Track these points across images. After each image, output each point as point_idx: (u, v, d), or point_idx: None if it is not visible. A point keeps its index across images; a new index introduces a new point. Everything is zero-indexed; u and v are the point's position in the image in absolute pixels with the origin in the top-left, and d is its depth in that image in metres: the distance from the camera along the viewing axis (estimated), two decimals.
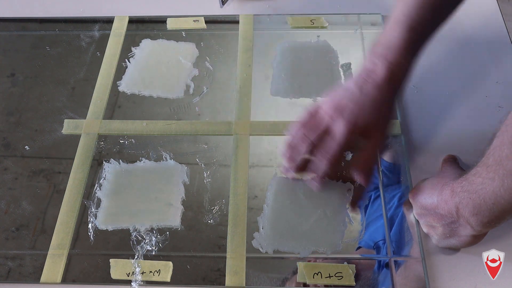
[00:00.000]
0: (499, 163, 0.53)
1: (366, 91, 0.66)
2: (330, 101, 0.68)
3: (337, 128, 0.66)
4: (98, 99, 0.83)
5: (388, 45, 0.67)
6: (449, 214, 0.60)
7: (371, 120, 0.66)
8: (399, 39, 0.66)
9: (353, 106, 0.66)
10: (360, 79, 0.67)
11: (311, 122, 0.68)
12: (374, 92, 0.66)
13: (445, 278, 0.64)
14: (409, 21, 0.67)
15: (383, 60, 0.66)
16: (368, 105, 0.66)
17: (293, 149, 0.69)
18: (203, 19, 0.93)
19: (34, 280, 0.66)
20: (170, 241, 0.68)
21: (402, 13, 0.67)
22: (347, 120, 0.65)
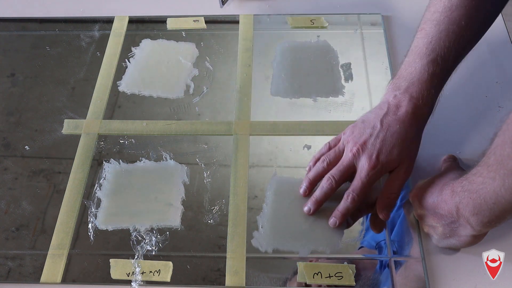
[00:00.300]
0: (500, 162, 0.53)
1: (390, 127, 0.65)
2: (351, 136, 0.67)
3: (361, 165, 0.65)
4: (98, 99, 0.83)
5: (411, 79, 0.65)
6: (449, 214, 0.60)
7: (395, 157, 0.64)
8: (422, 73, 0.65)
9: (376, 142, 0.64)
10: (382, 113, 0.66)
11: (334, 157, 0.67)
12: (398, 127, 0.64)
13: (445, 278, 0.64)
14: (433, 54, 0.65)
15: (407, 95, 0.65)
16: (392, 142, 0.64)
17: (312, 185, 0.69)
18: (203, 19, 0.93)
19: (34, 280, 0.66)
20: (170, 241, 0.68)
21: (424, 45, 0.66)
22: (370, 156, 0.64)
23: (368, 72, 0.84)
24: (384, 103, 0.67)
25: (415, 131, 0.65)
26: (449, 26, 0.66)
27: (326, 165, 0.68)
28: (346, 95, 0.82)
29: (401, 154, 0.64)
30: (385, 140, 0.64)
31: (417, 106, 0.65)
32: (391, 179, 0.66)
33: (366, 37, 0.89)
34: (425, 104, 0.65)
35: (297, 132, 0.78)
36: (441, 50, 0.66)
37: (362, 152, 0.65)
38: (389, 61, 0.85)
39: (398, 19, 0.92)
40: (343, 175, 0.66)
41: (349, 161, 0.66)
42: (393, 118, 0.65)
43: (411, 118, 0.64)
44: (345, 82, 0.84)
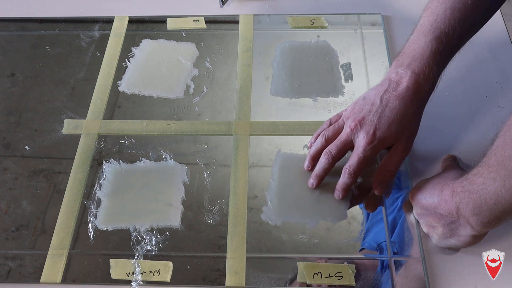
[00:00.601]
0: (501, 163, 0.53)
1: (389, 103, 0.65)
2: (351, 112, 0.67)
3: (358, 141, 0.65)
4: (98, 99, 0.83)
5: (413, 55, 0.65)
6: (449, 214, 0.60)
7: (392, 133, 0.65)
8: (425, 50, 0.65)
9: (373, 117, 0.65)
10: (383, 90, 0.66)
11: (332, 133, 0.68)
12: (397, 104, 0.65)
13: (445, 278, 0.64)
14: (436, 31, 0.65)
15: (409, 71, 0.65)
16: (390, 118, 0.64)
17: (314, 160, 0.70)
18: (203, 19, 0.93)
19: (34, 280, 0.66)
20: (170, 241, 0.68)
21: (429, 22, 0.66)
22: (367, 132, 0.65)
23: (368, 72, 0.84)
24: (385, 80, 0.67)
25: (415, 107, 0.65)
26: (455, 5, 0.66)
27: (325, 140, 0.69)
28: (346, 95, 0.82)
29: (399, 130, 0.65)
30: (383, 116, 0.65)
31: (418, 82, 0.64)
32: (389, 155, 0.66)
33: (366, 37, 0.89)
34: (426, 81, 0.65)
35: (297, 132, 0.78)
36: (446, 28, 0.65)
37: (360, 128, 0.65)
38: (389, 61, 0.85)
39: (398, 19, 0.92)
40: (341, 150, 0.67)
41: (347, 136, 0.66)
42: (393, 94, 0.65)
43: (411, 94, 0.64)
44: (345, 82, 0.84)
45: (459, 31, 0.66)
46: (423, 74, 0.65)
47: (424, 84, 0.65)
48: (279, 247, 0.68)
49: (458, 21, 0.66)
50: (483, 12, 0.68)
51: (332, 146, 0.68)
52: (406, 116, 0.65)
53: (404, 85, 0.65)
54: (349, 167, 0.66)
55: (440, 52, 0.65)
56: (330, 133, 0.69)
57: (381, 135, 0.64)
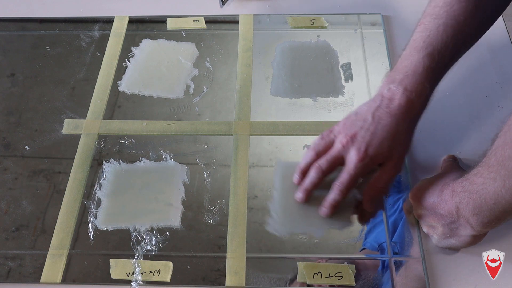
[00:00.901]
0: (501, 163, 0.53)
1: (381, 120, 0.64)
2: (343, 128, 0.67)
3: (349, 158, 0.64)
4: (98, 99, 0.83)
5: (406, 71, 0.65)
6: (449, 214, 0.60)
7: (384, 150, 0.64)
8: (417, 66, 0.64)
9: (366, 135, 0.64)
10: (375, 106, 0.65)
11: (323, 147, 0.67)
12: (389, 121, 0.64)
13: (445, 278, 0.64)
14: (429, 48, 0.65)
15: (401, 88, 0.64)
16: (382, 135, 0.64)
17: (303, 174, 0.68)
18: (203, 19, 0.93)
19: (34, 280, 0.66)
20: (170, 241, 0.68)
21: (421, 38, 0.66)
22: (358, 149, 0.64)
23: (368, 72, 0.84)
24: (378, 96, 0.66)
25: (407, 125, 0.65)
26: (448, 21, 0.65)
27: (315, 154, 0.68)
28: (346, 95, 0.82)
29: (391, 148, 0.64)
30: (375, 133, 0.64)
31: (410, 99, 0.64)
32: (380, 172, 0.65)
33: (366, 37, 0.89)
34: (418, 98, 0.64)
35: (297, 132, 0.78)
36: (438, 44, 0.65)
37: (352, 144, 0.64)
38: (389, 61, 0.85)
39: (398, 19, 0.92)
40: (331, 166, 0.66)
41: (338, 152, 0.65)
42: (385, 111, 0.64)
43: (404, 111, 0.64)
44: (345, 82, 0.84)
45: (452, 47, 0.66)
46: (415, 91, 0.64)
47: (417, 101, 0.64)
48: (279, 247, 0.68)
49: (451, 38, 0.65)
50: (476, 29, 0.68)
51: (322, 161, 0.66)
52: (398, 134, 0.64)
53: (396, 102, 0.64)
54: (340, 184, 0.65)
55: (432, 69, 0.65)
56: (321, 147, 0.68)
57: (373, 152, 0.64)
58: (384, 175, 0.65)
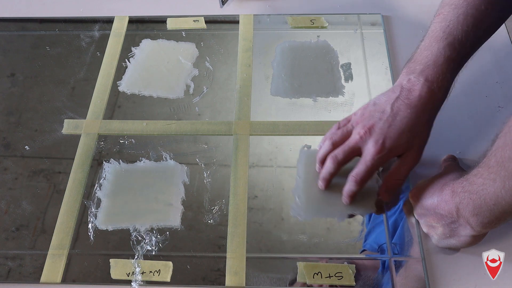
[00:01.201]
0: (501, 164, 0.53)
1: (400, 111, 0.63)
2: (360, 118, 0.66)
3: (367, 149, 0.64)
4: (98, 99, 0.83)
5: (426, 62, 0.64)
6: (449, 214, 0.60)
7: (402, 143, 0.63)
8: (438, 57, 0.64)
9: (383, 126, 0.63)
10: (394, 97, 0.64)
11: (340, 137, 0.67)
12: (409, 112, 0.63)
13: (445, 278, 0.64)
14: (449, 38, 0.64)
15: (422, 78, 0.63)
16: (401, 127, 0.63)
17: (322, 163, 0.68)
18: (203, 19, 0.93)
19: (34, 280, 0.66)
20: (170, 241, 0.68)
21: (441, 28, 0.65)
22: (376, 141, 0.63)
23: (368, 72, 0.84)
24: (397, 87, 0.65)
25: (427, 117, 0.64)
26: (468, 10, 0.65)
27: (332, 144, 0.67)
28: (346, 95, 0.82)
29: (410, 140, 0.63)
30: (393, 125, 0.63)
31: (431, 90, 0.63)
32: (399, 164, 0.65)
33: (366, 37, 0.89)
34: (439, 89, 0.63)
35: (297, 132, 0.78)
36: (459, 34, 0.64)
37: (369, 136, 0.64)
38: (389, 61, 0.85)
39: (398, 19, 0.92)
40: (347, 156, 0.66)
41: (355, 143, 0.65)
42: (404, 103, 0.63)
43: (424, 103, 0.63)
44: (345, 82, 0.84)
45: (473, 37, 0.65)
46: (436, 82, 0.63)
47: (438, 92, 0.63)
48: (279, 247, 0.68)
49: (471, 27, 0.64)
50: (497, 17, 0.67)
51: (339, 151, 0.66)
52: (417, 126, 0.63)
53: (416, 94, 0.63)
54: (356, 175, 0.65)
55: (453, 59, 0.64)
56: (338, 137, 0.67)
57: (391, 145, 0.63)
58: (403, 166, 0.65)
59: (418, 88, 0.63)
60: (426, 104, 0.63)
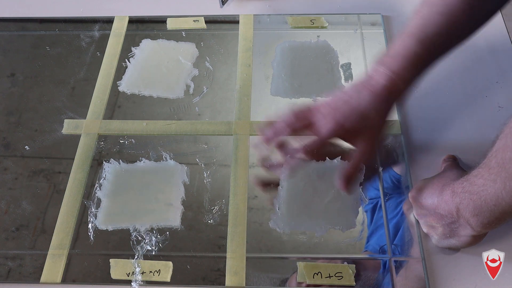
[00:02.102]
0: (501, 165, 0.53)
1: (362, 96, 0.66)
2: (326, 101, 0.69)
3: (324, 125, 0.67)
4: (98, 99, 0.83)
5: (395, 55, 0.66)
6: (449, 215, 0.60)
7: (359, 125, 0.66)
8: (407, 51, 0.66)
9: (345, 108, 0.66)
10: (360, 84, 0.68)
11: (302, 114, 0.70)
12: (370, 98, 0.66)
13: (445, 278, 0.64)
14: (421, 35, 0.66)
15: (385, 69, 0.66)
16: (359, 110, 0.66)
17: (275, 129, 0.70)
18: (203, 19, 0.93)
19: (34, 280, 0.66)
20: (170, 241, 0.68)
21: (415, 25, 0.67)
22: (334, 119, 0.66)
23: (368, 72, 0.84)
24: (366, 76, 0.69)
25: (384, 104, 0.67)
26: (443, 10, 0.66)
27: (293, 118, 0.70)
28: None
29: (362, 121, 0.66)
30: (355, 108, 0.66)
31: (393, 80, 0.65)
32: (356, 151, 0.68)
33: (366, 37, 0.89)
34: (402, 80, 0.66)
35: None
36: (430, 32, 0.66)
37: (331, 115, 0.67)
38: None
39: (398, 19, 0.92)
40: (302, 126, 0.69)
41: (315, 119, 0.68)
42: (366, 88, 0.67)
43: (383, 89, 0.66)
44: (345, 82, 0.84)
45: (445, 36, 0.66)
46: (400, 74, 0.65)
47: (400, 83, 0.66)
48: (279, 247, 0.68)
49: (444, 27, 0.66)
50: (472, 20, 0.68)
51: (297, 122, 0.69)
52: (373, 110, 0.66)
53: (378, 81, 0.66)
54: (307, 146, 0.69)
55: (421, 56, 0.66)
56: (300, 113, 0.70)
57: (348, 124, 0.66)
58: (356, 154, 0.68)
59: (382, 77, 0.66)
60: (385, 91, 0.66)
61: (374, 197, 0.72)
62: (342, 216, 0.69)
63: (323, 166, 0.73)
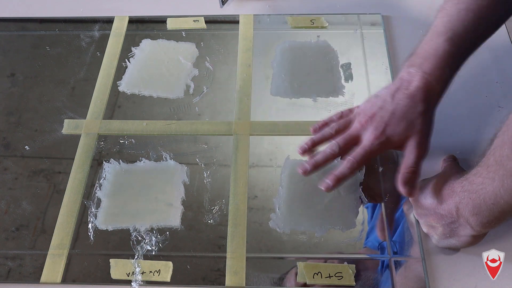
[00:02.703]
0: (499, 163, 0.53)
1: (400, 101, 0.65)
2: (363, 109, 0.68)
3: (366, 135, 0.66)
4: (98, 99, 0.83)
5: (426, 56, 0.66)
6: (449, 214, 0.60)
7: (402, 131, 0.65)
8: (437, 50, 0.65)
9: (383, 114, 0.65)
10: (394, 88, 0.67)
11: (343, 126, 0.69)
12: (408, 102, 0.65)
13: (445, 278, 0.64)
14: (449, 32, 0.65)
15: (420, 71, 0.65)
16: (399, 115, 0.65)
17: (314, 145, 0.70)
18: (203, 19, 0.93)
19: (34, 280, 0.66)
20: (170, 241, 0.68)
21: (442, 23, 0.66)
22: (375, 128, 0.65)
23: (368, 72, 0.84)
24: (398, 79, 0.68)
25: (425, 106, 0.65)
26: (469, 6, 0.66)
27: (334, 131, 0.69)
28: (346, 95, 0.82)
29: (408, 129, 0.65)
30: (393, 113, 0.65)
31: (428, 82, 0.65)
32: (406, 154, 0.66)
33: (366, 37, 0.89)
34: (437, 81, 0.65)
35: (297, 132, 0.78)
36: (459, 29, 0.66)
37: (370, 124, 0.66)
38: (389, 61, 0.85)
39: (398, 19, 0.92)
40: (347, 143, 0.67)
41: (356, 131, 0.67)
42: (404, 93, 0.65)
43: (422, 93, 0.65)
44: (345, 82, 0.84)
45: (473, 33, 0.66)
46: (434, 74, 0.65)
47: (436, 84, 0.65)
48: (279, 247, 0.68)
49: (472, 23, 0.66)
50: (499, 13, 0.68)
51: (340, 139, 0.68)
52: (415, 114, 0.65)
53: (415, 84, 0.65)
54: (353, 157, 0.66)
55: (453, 54, 0.65)
56: (341, 126, 0.69)
57: (390, 131, 0.65)
58: (411, 155, 0.65)
59: (417, 79, 0.65)
60: (424, 95, 0.65)
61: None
62: (342, 216, 0.69)
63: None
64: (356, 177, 0.72)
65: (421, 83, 0.65)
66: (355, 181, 0.71)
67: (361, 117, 0.67)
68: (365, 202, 0.70)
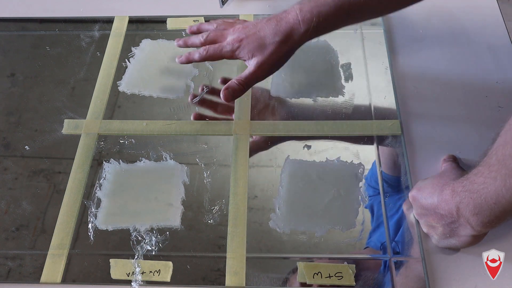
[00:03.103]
0: (501, 162, 0.53)
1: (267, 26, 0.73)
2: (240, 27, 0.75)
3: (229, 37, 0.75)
4: (98, 99, 0.83)
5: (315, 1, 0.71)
6: (450, 214, 0.60)
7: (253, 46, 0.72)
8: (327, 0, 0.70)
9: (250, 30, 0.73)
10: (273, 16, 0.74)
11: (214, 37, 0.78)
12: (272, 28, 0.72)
13: (445, 278, 0.64)
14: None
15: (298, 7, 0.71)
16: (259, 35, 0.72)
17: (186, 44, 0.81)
18: (203, 19, 0.93)
19: (34, 280, 0.66)
20: (170, 241, 0.68)
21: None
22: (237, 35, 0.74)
23: (368, 72, 0.84)
24: (282, 11, 0.74)
25: (283, 39, 0.72)
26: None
27: (204, 39, 0.78)
28: (346, 95, 0.82)
29: (259, 49, 0.72)
30: (256, 32, 0.73)
31: (297, 21, 0.71)
32: (245, 70, 0.74)
33: (366, 37, 0.89)
34: (303, 21, 0.70)
35: (297, 132, 0.78)
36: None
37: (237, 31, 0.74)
38: (389, 61, 0.85)
39: (398, 19, 0.92)
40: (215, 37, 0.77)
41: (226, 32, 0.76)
42: (274, 22, 0.73)
43: (287, 27, 0.71)
44: (345, 82, 0.84)
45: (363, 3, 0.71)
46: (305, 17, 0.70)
47: (301, 23, 0.71)
48: (279, 247, 0.68)
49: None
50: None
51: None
52: (272, 41, 0.72)
53: (286, 19, 0.72)
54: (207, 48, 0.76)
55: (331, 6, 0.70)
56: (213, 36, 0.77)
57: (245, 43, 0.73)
58: (247, 71, 0.74)
59: (291, 16, 0.72)
60: (288, 30, 0.71)
61: (372, 194, 0.72)
62: (342, 216, 0.69)
63: (323, 166, 0.73)
64: (356, 177, 0.72)
65: (291, 19, 0.71)
66: (355, 181, 0.71)
67: (236, 25, 0.76)
68: (366, 202, 0.70)
